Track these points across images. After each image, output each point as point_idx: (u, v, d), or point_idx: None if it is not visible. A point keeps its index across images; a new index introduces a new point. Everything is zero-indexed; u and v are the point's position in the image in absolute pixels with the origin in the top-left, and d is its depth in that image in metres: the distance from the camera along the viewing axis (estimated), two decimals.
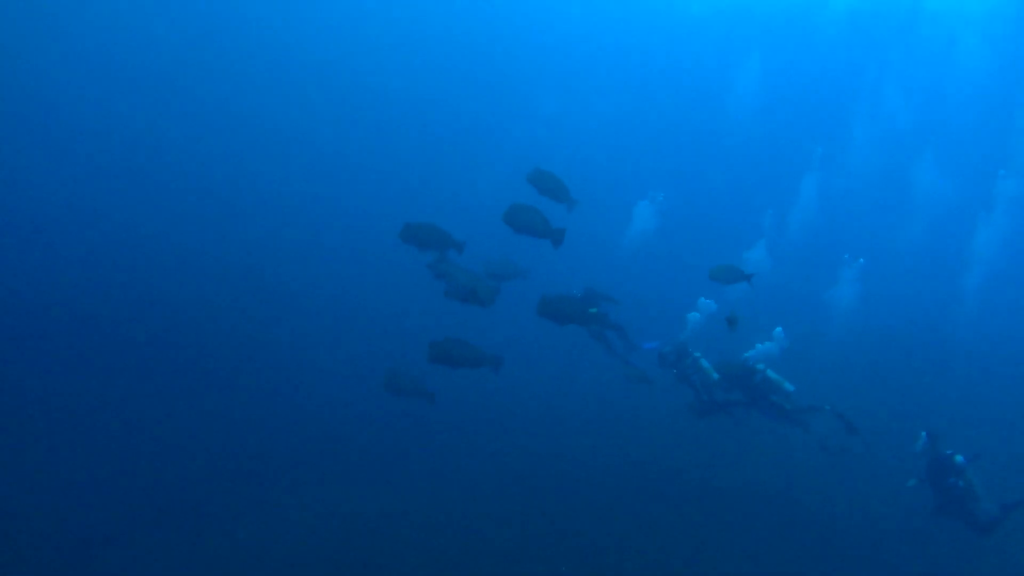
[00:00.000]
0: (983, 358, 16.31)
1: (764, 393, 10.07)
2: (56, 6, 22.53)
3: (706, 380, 10.22)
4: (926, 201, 23.59)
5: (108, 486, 9.81)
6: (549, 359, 14.54)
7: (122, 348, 13.61)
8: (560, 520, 9.64)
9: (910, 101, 25.07)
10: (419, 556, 8.72)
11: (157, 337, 14.18)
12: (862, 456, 11.39)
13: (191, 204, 19.55)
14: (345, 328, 16.04)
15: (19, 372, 12.11)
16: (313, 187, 21.80)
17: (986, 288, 20.45)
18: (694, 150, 25.58)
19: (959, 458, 9.16)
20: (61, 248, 16.43)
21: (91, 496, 9.58)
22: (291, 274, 17.73)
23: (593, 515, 9.80)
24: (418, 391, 9.63)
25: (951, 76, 24.98)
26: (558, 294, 8.60)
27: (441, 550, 8.86)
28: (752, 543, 9.43)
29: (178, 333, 14.43)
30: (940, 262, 22.18)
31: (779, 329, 11.13)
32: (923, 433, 9.54)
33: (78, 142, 20.47)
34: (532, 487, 10.62)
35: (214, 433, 11.59)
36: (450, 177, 22.06)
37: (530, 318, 8.61)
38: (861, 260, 20.69)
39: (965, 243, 21.94)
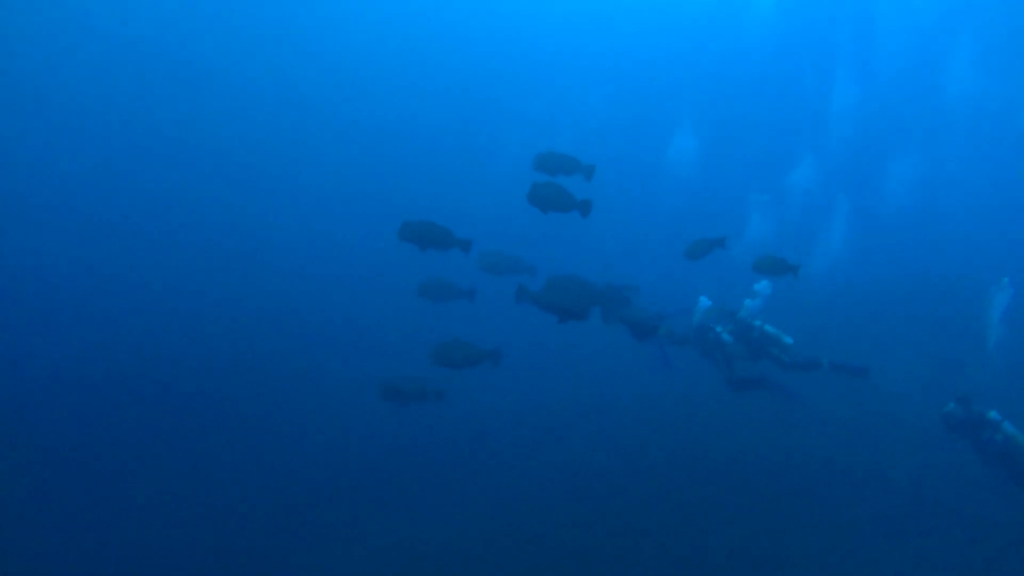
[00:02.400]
0: None
1: (763, 347, 9.80)
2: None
3: (730, 355, 9.95)
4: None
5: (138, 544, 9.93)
6: (561, 351, 14.18)
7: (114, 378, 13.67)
8: (622, 515, 9.51)
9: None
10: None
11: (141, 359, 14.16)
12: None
13: (179, 218, 19.43)
14: (330, 341, 15.62)
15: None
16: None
17: None
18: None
19: (993, 413, 8.78)
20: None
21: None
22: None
23: (654, 508, 9.61)
24: (426, 394, 8.96)
25: None
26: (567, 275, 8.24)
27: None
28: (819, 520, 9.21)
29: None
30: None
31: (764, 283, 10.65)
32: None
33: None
34: (580, 487, 10.40)
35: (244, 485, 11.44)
36: (441, 174, 21.52)
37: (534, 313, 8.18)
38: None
39: None
